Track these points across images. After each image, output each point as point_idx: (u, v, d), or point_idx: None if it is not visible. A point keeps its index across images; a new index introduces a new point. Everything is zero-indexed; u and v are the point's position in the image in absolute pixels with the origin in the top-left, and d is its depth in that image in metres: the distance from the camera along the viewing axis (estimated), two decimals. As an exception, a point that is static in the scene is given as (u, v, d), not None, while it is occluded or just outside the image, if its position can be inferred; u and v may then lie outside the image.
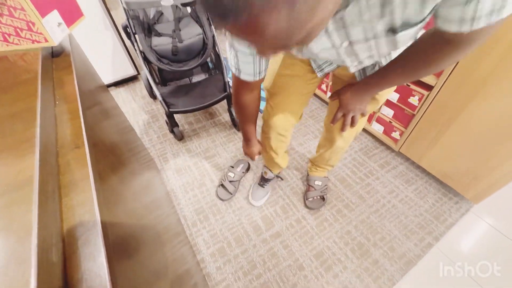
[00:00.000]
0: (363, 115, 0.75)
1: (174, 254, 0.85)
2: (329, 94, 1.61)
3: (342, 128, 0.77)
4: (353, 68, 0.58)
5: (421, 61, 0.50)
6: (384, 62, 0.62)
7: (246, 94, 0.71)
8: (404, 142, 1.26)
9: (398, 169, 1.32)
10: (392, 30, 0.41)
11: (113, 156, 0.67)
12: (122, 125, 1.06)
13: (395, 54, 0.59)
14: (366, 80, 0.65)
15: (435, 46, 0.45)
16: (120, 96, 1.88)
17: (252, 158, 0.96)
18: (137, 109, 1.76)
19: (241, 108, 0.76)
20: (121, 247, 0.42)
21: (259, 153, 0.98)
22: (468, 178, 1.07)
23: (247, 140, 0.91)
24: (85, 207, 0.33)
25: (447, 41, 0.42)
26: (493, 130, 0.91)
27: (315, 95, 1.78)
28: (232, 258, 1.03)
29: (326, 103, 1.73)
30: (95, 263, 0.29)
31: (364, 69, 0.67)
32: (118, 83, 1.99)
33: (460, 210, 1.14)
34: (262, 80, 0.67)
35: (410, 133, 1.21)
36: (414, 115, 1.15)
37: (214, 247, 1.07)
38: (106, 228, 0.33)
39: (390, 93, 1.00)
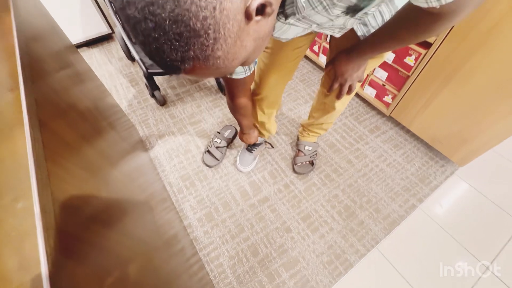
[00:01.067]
0: (360, 81, 0.70)
1: (160, 220, 0.83)
2: (322, 56, 1.51)
3: (338, 97, 0.74)
4: (338, 34, 0.56)
5: (411, 30, 0.47)
6: (387, 13, 0.55)
7: (241, 94, 0.71)
8: (395, 106, 1.22)
9: (388, 134, 1.31)
10: (353, 10, 0.41)
11: (87, 124, 0.61)
12: (97, 90, 0.97)
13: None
14: (359, 45, 0.60)
15: (418, 16, 0.43)
16: (94, 57, 1.71)
17: (250, 143, 0.97)
18: (114, 72, 1.62)
19: (239, 108, 0.76)
20: (101, 217, 0.38)
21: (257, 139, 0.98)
22: (457, 141, 1.06)
23: (245, 130, 0.91)
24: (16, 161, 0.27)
25: (428, 13, 0.40)
26: (491, 88, 0.88)
27: (306, 57, 1.68)
28: (220, 223, 1.03)
29: (318, 66, 1.64)
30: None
31: (366, 25, 0.60)
32: (90, 43, 1.79)
33: (445, 173, 1.16)
34: (253, 73, 0.68)
35: (402, 97, 1.17)
36: (408, 76, 1.10)
37: (201, 212, 1.05)
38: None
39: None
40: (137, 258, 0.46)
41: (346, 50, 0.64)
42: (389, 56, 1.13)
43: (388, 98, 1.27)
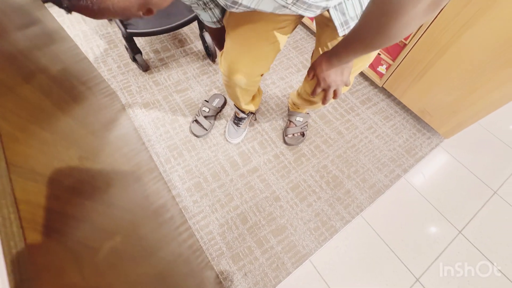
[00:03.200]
0: (346, 85, 0.65)
1: (148, 190, 0.81)
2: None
3: (323, 102, 0.68)
4: (312, 14, 0.55)
5: (371, 31, 0.43)
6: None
7: (219, 34, 0.74)
8: (389, 77, 1.20)
9: (379, 105, 1.30)
10: None
11: (61, 89, 0.55)
12: (70, 52, 0.87)
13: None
14: (336, 46, 0.55)
15: (373, 12, 0.40)
16: (65, 15, 1.53)
17: None
18: (89, 32, 1.46)
19: (218, 41, 0.79)
20: (84, 188, 0.35)
21: None
22: (446, 113, 1.07)
23: None
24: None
25: (378, 6, 0.38)
26: (484, 60, 0.86)
27: (300, 22, 1.57)
28: (209, 192, 1.02)
29: (312, 32, 1.55)
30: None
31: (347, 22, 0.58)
32: (60, -2, 1.59)
33: (430, 145, 1.19)
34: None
35: (397, 67, 1.14)
36: (405, 45, 1.06)
37: (190, 182, 1.04)
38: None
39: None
40: (125, 227, 0.45)
41: (326, 53, 0.59)
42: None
43: (382, 68, 1.23)
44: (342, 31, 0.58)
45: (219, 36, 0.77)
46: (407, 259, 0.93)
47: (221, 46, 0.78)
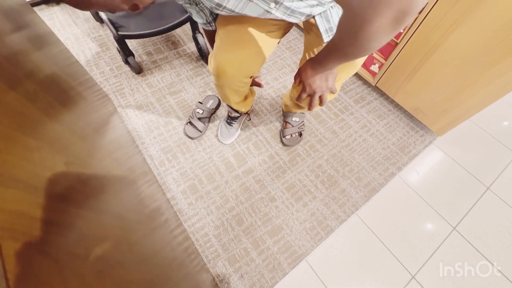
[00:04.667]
0: (332, 92, 0.65)
1: (142, 194, 0.80)
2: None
3: (309, 108, 0.68)
4: (296, 20, 0.57)
5: (346, 40, 0.44)
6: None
7: (214, 37, 0.74)
8: (381, 76, 1.20)
9: (372, 104, 1.31)
10: None
11: (50, 94, 0.54)
12: (61, 55, 0.86)
13: None
14: (320, 53, 0.56)
15: (346, 20, 0.41)
16: (56, 18, 1.51)
17: None
18: (81, 35, 1.45)
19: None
20: (72, 195, 0.35)
21: None
22: (438, 111, 1.08)
23: None
24: None
25: (349, 13, 0.38)
26: (475, 57, 0.87)
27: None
28: (204, 194, 1.02)
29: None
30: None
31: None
32: (49, 0, 1.57)
33: (424, 142, 1.20)
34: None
35: (389, 66, 1.15)
36: (397, 43, 1.07)
37: (185, 184, 1.03)
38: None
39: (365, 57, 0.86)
40: (115, 233, 0.44)
41: (312, 59, 0.60)
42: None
43: (375, 67, 1.24)
44: (327, 37, 0.59)
45: (213, 39, 0.77)
46: (403, 256, 0.94)
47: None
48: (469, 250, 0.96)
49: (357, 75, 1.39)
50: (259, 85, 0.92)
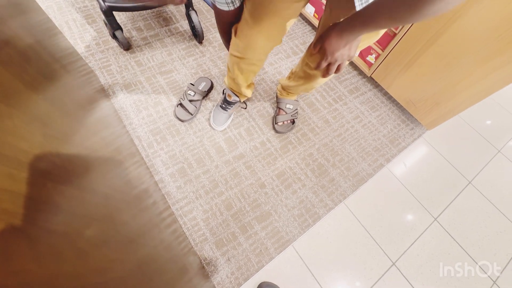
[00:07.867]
0: (349, 60, 0.63)
1: (129, 175, 0.78)
2: (308, 7, 1.38)
3: (324, 75, 0.68)
4: None
5: (401, 5, 0.40)
6: None
7: (228, 26, 0.72)
8: (377, 66, 1.20)
9: (366, 95, 1.31)
10: None
11: (30, 65, 0.50)
12: (42, 25, 0.79)
13: None
14: (350, 20, 0.52)
15: None
16: (36, -17, 1.39)
17: None
18: (64, 4, 1.34)
19: (226, 36, 0.78)
20: (57, 172, 0.33)
21: None
22: (430, 104, 1.09)
23: None
24: None
25: None
26: (470, 52, 0.87)
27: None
28: (193, 178, 1.00)
29: (303, 18, 1.51)
30: None
31: None
32: (29, -37, 1.44)
33: (413, 136, 1.22)
34: (237, 10, 0.65)
35: (385, 57, 1.14)
36: (395, 34, 1.05)
37: (174, 167, 1.01)
38: None
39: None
40: (100, 213, 0.42)
41: (338, 25, 0.56)
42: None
43: (371, 58, 1.23)
44: (360, 5, 0.53)
45: (228, 30, 0.74)
46: (385, 244, 0.97)
47: (229, 44, 0.79)
48: (447, 240, 1.00)
49: (353, 65, 1.37)
50: None
